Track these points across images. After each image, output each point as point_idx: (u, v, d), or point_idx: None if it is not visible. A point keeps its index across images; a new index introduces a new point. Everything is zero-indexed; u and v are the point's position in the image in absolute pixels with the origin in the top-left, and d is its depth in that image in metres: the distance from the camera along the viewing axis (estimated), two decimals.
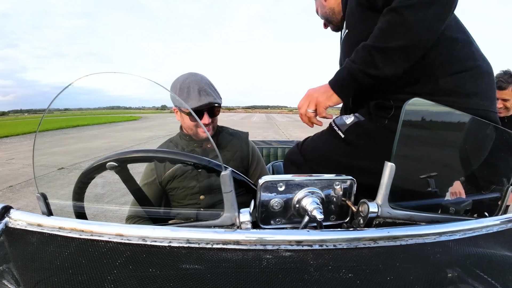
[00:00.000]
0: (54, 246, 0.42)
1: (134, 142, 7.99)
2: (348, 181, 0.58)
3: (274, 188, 0.54)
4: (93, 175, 0.61)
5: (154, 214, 0.77)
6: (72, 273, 0.37)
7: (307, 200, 0.53)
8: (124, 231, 0.43)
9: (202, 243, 0.42)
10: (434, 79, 0.71)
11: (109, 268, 0.38)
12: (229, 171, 0.49)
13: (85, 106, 0.92)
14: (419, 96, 0.63)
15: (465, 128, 0.82)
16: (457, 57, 0.70)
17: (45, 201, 0.50)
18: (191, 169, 0.94)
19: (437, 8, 0.61)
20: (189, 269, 0.38)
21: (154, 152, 0.61)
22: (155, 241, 0.42)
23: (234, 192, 0.49)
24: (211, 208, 0.95)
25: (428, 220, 0.56)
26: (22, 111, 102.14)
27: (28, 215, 0.47)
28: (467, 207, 0.68)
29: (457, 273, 0.40)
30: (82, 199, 0.63)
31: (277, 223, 0.56)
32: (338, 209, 0.59)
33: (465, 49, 0.71)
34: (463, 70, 0.70)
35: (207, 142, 1.01)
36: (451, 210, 0.67)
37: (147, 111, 19.11)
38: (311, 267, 0.39)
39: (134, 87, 2.26)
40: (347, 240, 0.44)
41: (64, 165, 4.76)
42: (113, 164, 0.58)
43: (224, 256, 0.40)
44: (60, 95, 0.49)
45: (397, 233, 0.45)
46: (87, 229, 0.44)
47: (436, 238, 0.46)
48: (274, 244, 0.43)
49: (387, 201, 0.52)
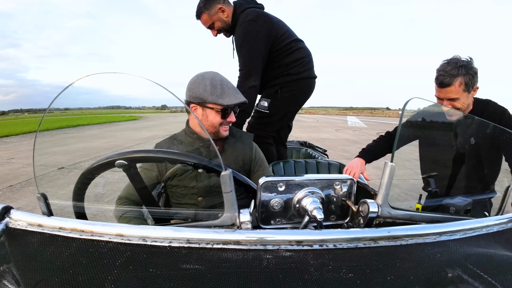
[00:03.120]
0: (55, 246, 0.42)
1: (134, 142, 7.99)
2: (348, 181, 0.58)
3: (274, 188, 0.54)
4: (100, 172, 0.61)
5: (154, 214, 0.76)
6: (73, 273, 0.38)
7: (307, 200, 0.53)
8: (124, 231, 0.43)
9: (202, 243, 0.42)
10: (285, 70, 1.56)
11: (109, 268, 0.38)
12: (229, 171, 0.49)
13: (86, 106, 0.92)
14: (285, 75, 1.56)
15: (465, 128, 0.82)
16: (293, 58, 1.55)
17: (45, 201, 0.50)
18: (192, 169, 0.93)
19: None
20: (189, 269, 0.38)
21: (155, 152, 0.61)
22: (156, 241, 0.42)
23: (234, 192, 0.49)
24: (210, 209, 0.95)
25: (428, 220, 0.56)
26: (22, 110, 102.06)
27: (29, 216, 0.47)
28: (467, 207, 0.69)
29: (457, 273, 0.40)
30: (82, 199, 0.63)
31: (277, 223, 0.56)
32: (338, 209, 0.59)
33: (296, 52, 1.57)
34: (297, 60, 1.56)
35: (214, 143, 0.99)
36: (451, 210, 0.67)
37: (147, 111, 19.11)
38: (311, 267, 0.39)
39: (134, 87, 2.24)
40: (347, 240, 0.44)
41: (64, 164, 4.77)
42: (122, 162, 0.58)
43: (224, 256, 0.40)
44: (60, 95, 0.49)
45: (397, 233, 0.45)
46: (87, 229, 0.44)
47: (436, 238, 0.46)
48: (274, 244, 0.43)
49: (387, 201, 0.52)
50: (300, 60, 1.57)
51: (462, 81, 1.04)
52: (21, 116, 49.68)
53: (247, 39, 1.46)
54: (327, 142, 7.93)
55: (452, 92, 1.07)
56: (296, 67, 1.56)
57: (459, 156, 1.00)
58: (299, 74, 1.58)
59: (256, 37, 1.45)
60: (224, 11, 1.53)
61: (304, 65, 1.59)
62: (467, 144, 0.96)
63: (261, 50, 1.47)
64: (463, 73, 1.04)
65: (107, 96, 9.20)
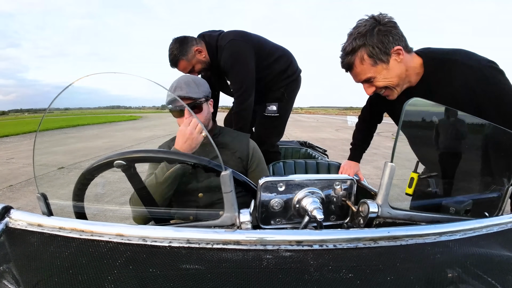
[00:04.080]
0: (55, 246, 0.42)
1: (134, 141, 7.99)
2: (348, 181, 0.58)
3: (274, 188, 0.54)
4: (99, 172, 0.61)
5: (154, 214, 0.76)
6: (73, 273, 0.38)
7: (307, 200, 0.53)
8: (124, 231, 0.43)
9: (202, 243, 0.42)
10: (284, 73, 1.61)
11: (109, 268, 0.38)
12: (230, 171, 0.49)
13: (86, 106, 0.92)
14: (285, 78, 1.63)
15: (465, 128, 0.82)
16: (283, 60, 1.61)
17: (45, 201, 0.50)
18: (191, 169, 0.93)
19: None
20: (189, 269, 0.38)
21: (155, 152, 0.61)
22: (156, 241, 0.42)
23: (234, 192, 0.49)
24: (210, 207, 0.95)
25: (428, 220, 0.56)
26: (22, 110, 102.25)
27: (29, 215, 0.47)
28: (467, 207, 0.68)
29: (457, 273, 0.40)
30: (82, 199, 0.63)
31: (277, 223, 0.56)
32: (338, 209, 0.59)
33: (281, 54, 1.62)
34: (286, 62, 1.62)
35: (206, 143, 1.01)
36: (451, 210, 0.67)
37: (147, 111, 19.24)
38: (311, 267, 0.39)
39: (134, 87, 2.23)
40: (347, 240, 0.44)
41: (64, 164, 4.76)
42: (121, 163, 0.58)
43: (224, 256, 0.40)
44: (60, 95, 0.49)
45: (397, 233, 0.45)
46: (87, 229, 0.44)
47: (436, 238, 0.46)
48: (274, 244, 0.43)
49: (387, 201, 0.52)
50: (289, 60, 1.63)
51: (363, 56, 0.81)
52: (21, 116, 49.66)
53: (236, 58, 1.45)
54: (327, 142, 7.94)
55: (360, 73, 0.85)
56: (290, 68, 1.62)
57: (459, 156, 1.00)
58: (295, 73, 1.65)
59: (244, 54, 1.46)
60: (201, 51, 1.47)
61: (295, 63, 1.66)
62: (467, 144, 0.96)
63: (251, 64, 1.48)
64: (360, 45, 0.80)
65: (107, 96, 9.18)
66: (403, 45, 0.82)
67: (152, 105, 3.02)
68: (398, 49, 0.80)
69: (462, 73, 0.80)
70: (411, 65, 0.85)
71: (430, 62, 0.86)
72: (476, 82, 0.79)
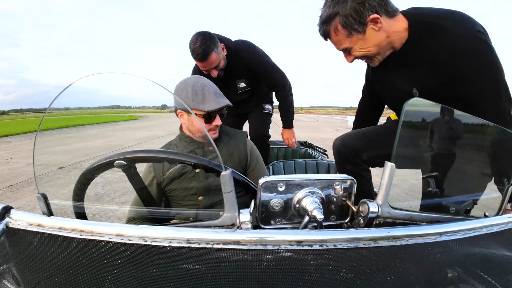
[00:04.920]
0: (55, 246, 0.42)
1: (134, 141, 7.99)
2: (348, 181, 0.57)
3: (274, 188, 0.54)
4: (100, 172, 0.61)
5: (154, 214, 0.77)
6: (73, 273, 0.38)
7: (307, 200, 0.53)
8: (124, 231, 0.43)
9: (202, 243, 0.42)
10: None
11: (109, 268, 0.38)
12: (230, 171, 0.49)
13: (86, 106, 0.92)
14: None
15: (465, 128, 0.82)
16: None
17: (45, 201, 0.50)
18: (190, 170, 0.94)
19: None
20: (189, 269, 0.38)
21: (155, 152, 0.61)
22: (156, 241, 0.42)
23: (234, 192, 0.49)
24: (210, 209, 0.95)
25: (428, 220, 0.56)
26: (23, 110, 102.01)
27: (29, 215, 0.47)
28: (467, 207, 0.68)
29: (457, 273, 0.40)
30: (82, 199, 0.63)
31: (277, 223, 0.56)
32: (338, 209, 0.59)
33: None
34: None
35: (209, 145, 1.01)
36: (451, 210, 0.67)
37: (147, 111, 19.07)
38: (311, 267, 0.39)
39: (134, 87, 2.24)
40: (348, 240, 0.44)
41: (64, 164, 4.77)
42: (121, 163, 0.58)
43: (224, 256, 0.40)
44: (60, 95, 0.49)
45: (397, 233, 0.45)
46: (87, 229, 0.44)
47: (436, 238, 0.46)
48: (274, 244, 0.43)
49: (387, 201, 0.52)
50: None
51: (336, 26, 0.78)
52: (21, 116, 49.67)
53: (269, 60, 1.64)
54: (327, 141, 7.93)
55: (336, 43, 0.83)
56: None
57: (459, 156, 1.00)
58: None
59: (265, 54, 1.65)
60: (223, 48, 1.49)
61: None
62: (467, 144, 0.96)
63: None
64: (334, 13, 0.76)
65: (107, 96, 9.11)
66: (382, 11, 0.76)
67: (152, 105, 3.03)
68: (375, 17, 0.75)
69: (447, 40, 0.75)
70: (394, 30, 0.80)
71: (416, 26, 0.80)
72: (460, 53, 0.75)
